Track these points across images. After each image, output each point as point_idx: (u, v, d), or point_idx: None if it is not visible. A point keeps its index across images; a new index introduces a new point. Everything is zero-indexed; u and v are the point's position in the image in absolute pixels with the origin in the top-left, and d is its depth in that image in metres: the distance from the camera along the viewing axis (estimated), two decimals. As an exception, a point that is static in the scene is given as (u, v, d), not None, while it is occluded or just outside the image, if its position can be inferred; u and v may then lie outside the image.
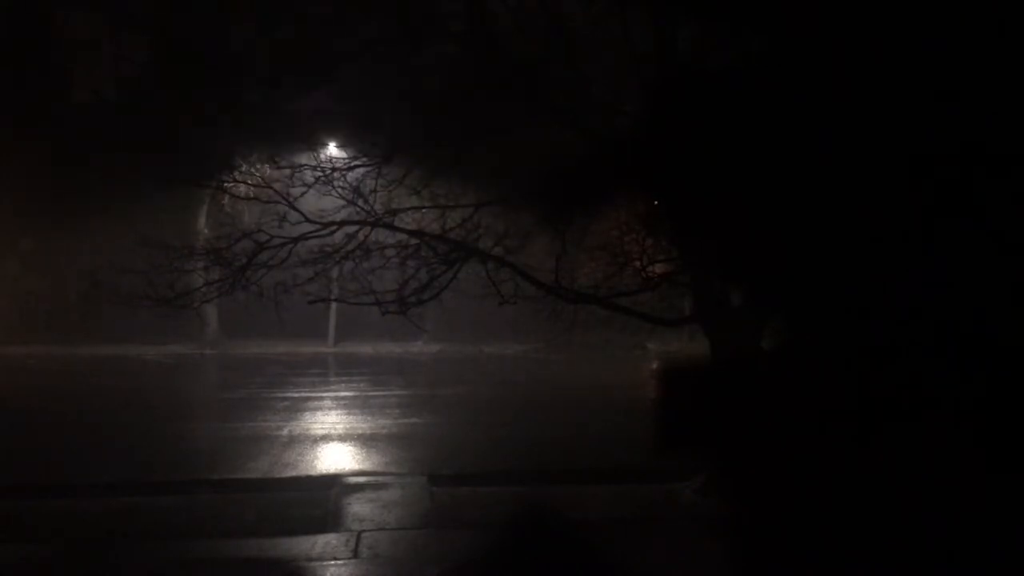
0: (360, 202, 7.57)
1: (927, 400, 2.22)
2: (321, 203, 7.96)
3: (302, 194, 7.86)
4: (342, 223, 7.70)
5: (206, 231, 14.12)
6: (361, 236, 7.63)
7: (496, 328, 14.06)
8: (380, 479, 7.25)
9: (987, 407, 2.16)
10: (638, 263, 7.39)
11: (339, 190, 7.65)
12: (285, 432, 9.28)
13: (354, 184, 7.60)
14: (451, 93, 7.36)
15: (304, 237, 7.69)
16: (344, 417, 10.52)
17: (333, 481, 7.18)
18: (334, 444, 8.83)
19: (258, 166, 9.11)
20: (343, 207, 7.74)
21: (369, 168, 7.72)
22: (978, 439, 2.16)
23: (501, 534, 5.76)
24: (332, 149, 10.15)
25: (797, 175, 2.42)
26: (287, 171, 8.08)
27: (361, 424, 9.93)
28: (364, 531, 5.89)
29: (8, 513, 6.34)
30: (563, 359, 15.00)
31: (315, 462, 7.99)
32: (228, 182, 8.91)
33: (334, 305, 9.93)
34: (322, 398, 12.08)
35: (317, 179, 7.78)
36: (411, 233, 7.58)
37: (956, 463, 2.18)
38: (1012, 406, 2.13)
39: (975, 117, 2.18)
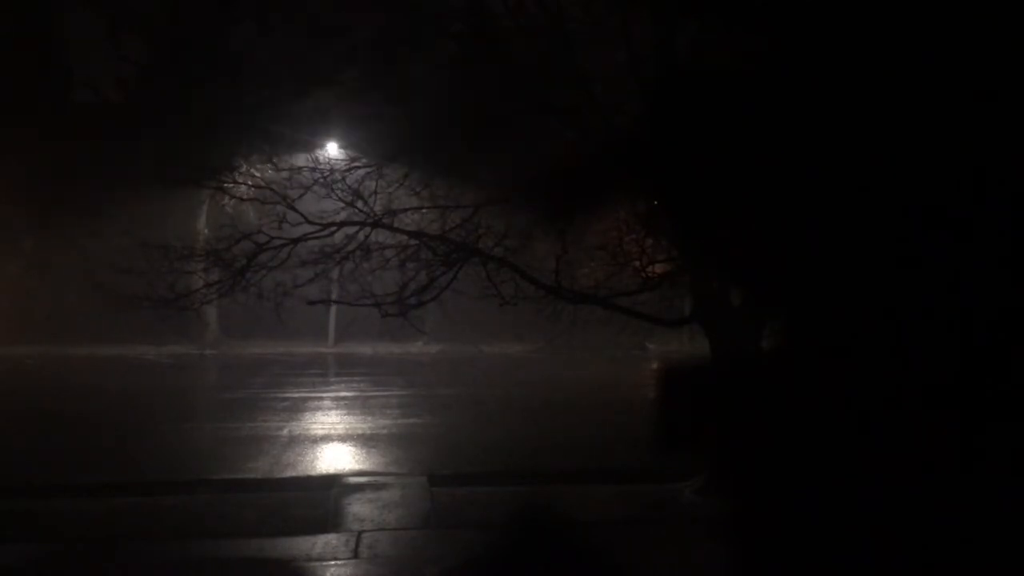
0: (360, 203, 7.57)
1: (927, 399, 2.22)
2: (321, 204, 7.95)
3: (300, 196, 7.85)
4: (342, 224, 7.69)
5: (206, 232, 14.13)
6: (361, 237, 7.62)
7: (496, 328, 14.06)
8: (380, 479, 7.25)
9: (987, 406, 2.16)
10: (638, 263, 7.38)
11: (339, 193, 7.64)
12: (285, 432, 9.28)
13: (354, 186, 7.59)
14: (451, 93, 7.36)
15: (304, 238, 7.68)
16: (344, 417, 10.52)
17: (333, 481, 7.18)
18: (334, 444, 8.83)
19: (258, 167, 9.10)
20: (343, 208, 7.73)
21: (369, 169, 7.72)
22: (978, 438, 2.16)
23: (501, 534, 5.76)
24: (332, 150, 10.16)
25: (796, 175, 2.43)
26: (287, 172, 8.07)
27: (361, 424, 9.93)
28: (364, 531, 5.88)
29: (8, 513, 6.34)
30: (563, 359, 15.00)
31: (315, 462, 7.99)
32: (228, 183, 8.91)
33: (334, 305, 9.94)
34: (322, 398, 12.08)
35: (316, 181, 7.77)
36: (411, 234, 7.57)
37: (957, 462, 2.18)
38: (1011, 405, 2.13)
39: (976, 114, 2.18)
